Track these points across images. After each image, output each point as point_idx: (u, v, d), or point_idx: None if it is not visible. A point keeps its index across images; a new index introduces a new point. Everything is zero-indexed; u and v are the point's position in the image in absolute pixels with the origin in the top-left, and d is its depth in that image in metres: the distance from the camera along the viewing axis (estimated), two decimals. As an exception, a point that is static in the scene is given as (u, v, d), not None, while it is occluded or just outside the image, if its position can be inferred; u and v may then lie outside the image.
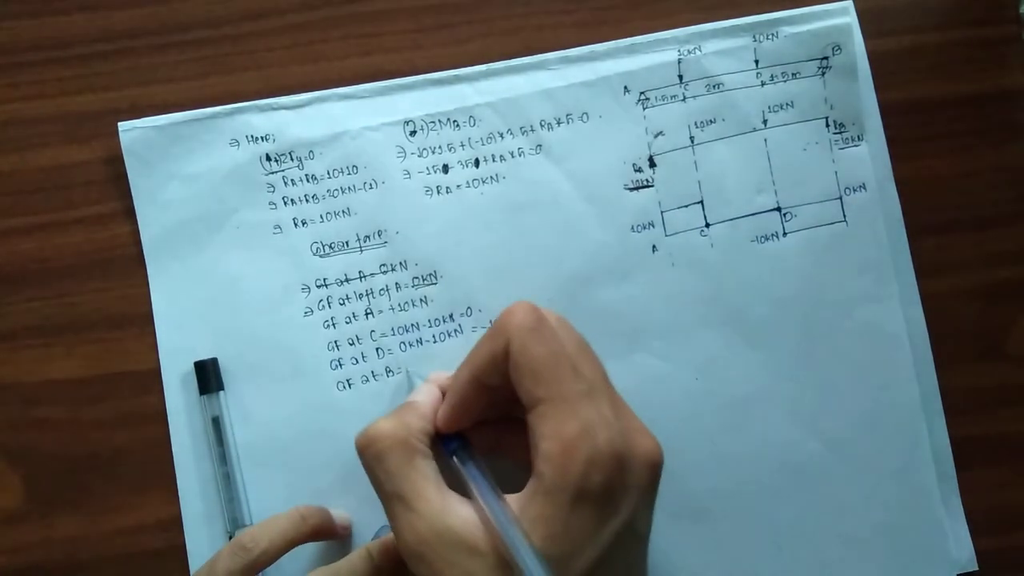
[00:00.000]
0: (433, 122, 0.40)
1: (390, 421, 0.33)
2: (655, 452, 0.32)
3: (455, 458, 0.33)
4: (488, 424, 0.35)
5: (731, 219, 0.40)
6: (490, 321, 0.40)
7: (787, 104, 0.40)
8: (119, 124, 0.40)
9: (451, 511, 0.31)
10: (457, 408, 0.34)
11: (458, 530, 0.30)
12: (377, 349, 0.40)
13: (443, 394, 0.35)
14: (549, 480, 0.30)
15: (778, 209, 0.40)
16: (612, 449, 0.30)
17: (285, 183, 0.40)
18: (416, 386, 0.37)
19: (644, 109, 0.40)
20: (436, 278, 0.40)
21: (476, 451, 0.34)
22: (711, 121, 0.40)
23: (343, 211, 0.40)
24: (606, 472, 0.30)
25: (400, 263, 0.40)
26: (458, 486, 0.32)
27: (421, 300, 0.40)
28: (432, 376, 0.37)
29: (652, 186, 0.40)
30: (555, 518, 0.30)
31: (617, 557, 0.31)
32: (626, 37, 0.40)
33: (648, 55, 0.40)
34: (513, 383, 0.32)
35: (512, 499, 0.31)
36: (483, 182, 0.40)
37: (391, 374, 0.40)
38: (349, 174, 0.40)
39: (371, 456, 0.32)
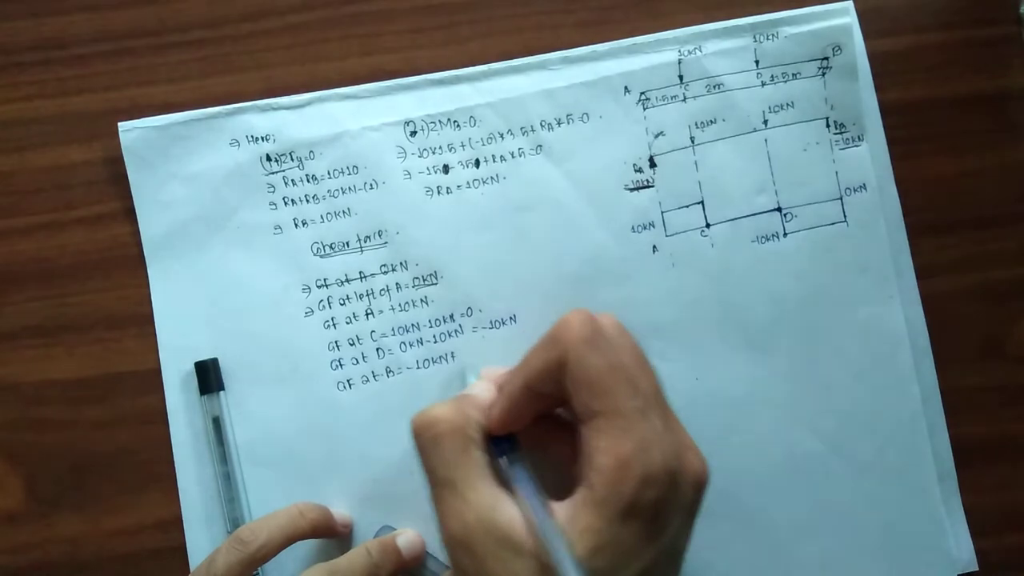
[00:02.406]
0: (433, 122, 0.40)
1: (449, 407, 0.33)
2: (703, 472, 0.32)
3: (505, 459, 0.33)
4: (535, 422, 0.35)
5: (731, 219, 0.40)
6: (491, 321, 0.40)
7: (787, 104, 0.40)
8: (119, 124, 0.40)
9: (500, 507, 0.31)
10: (509, 412, 0.33)
11: (505, 527, 0.30)
12: (377, 349, 0.40)
13: (498, 390, 0.35)
14: (601, 493, 0.30)
15: (778, 209, 0.40)
16: (666, 467, 0.30)
17: (285, 183, 0.40)
18: (468, 379, 0.37)
19: (644, 109, 0.40)
20: (436, 278, 0.40)
21: (524, 452, 0.33)
22: (711, 121, 0.40)
23: (343, 211, 0.40)
24: (658, 490, 0.30)
25: (400, 263, 0.40)
26: (504, 486, 0.32)
27: (421, 300, 0.40)
28: (485, 372, 0.37)
29: (652, 186, 0.40)
30: (603, 531, 0.29)
31: (656, 574, 0.31)
32: (627, 37, 0.40)
33: (648, 55, 0.40)
34: (567, 393, 0.32)
35: (558, 507, 0.31)
36: (483, 182, 0.40)
37: (391, 374, 0.40)
38: (349, 174, 0.40)
39: (428, 439, 0.32)
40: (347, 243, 0.40)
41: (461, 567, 0.31)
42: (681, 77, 0.40)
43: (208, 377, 0.39)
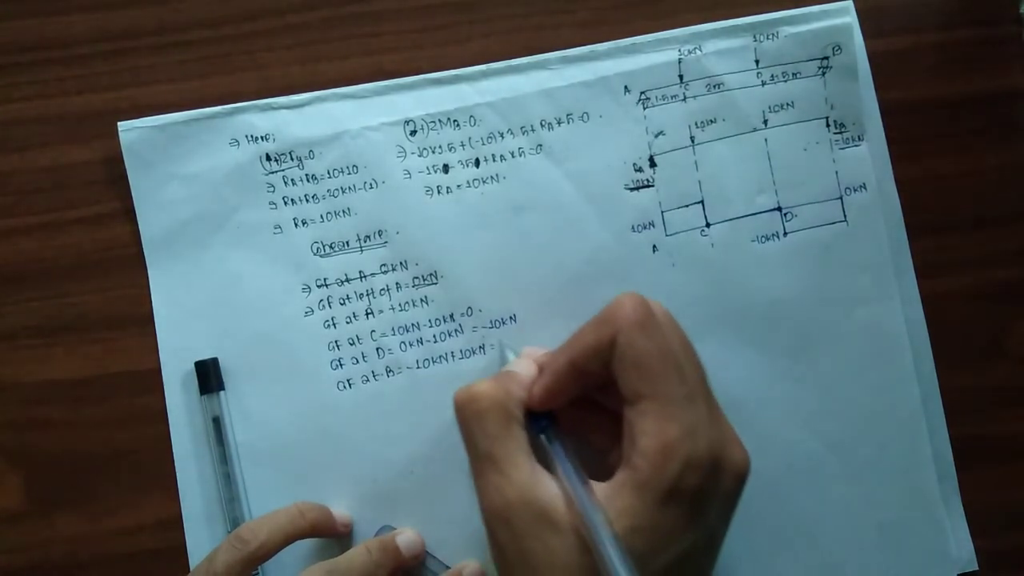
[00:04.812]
0: (433, 122, 0.40)
1: (492, 384, 0.33)
2: (745, 463, 0.32)
3: (543, 436, 0.33)
4: (572, 404, 0.35)
5: (731, 219, 0.40)
6: (491, 321, 0.40)
7: (787, 104, 0.40)
8: (119, 124, 0.40)
9: (540, 483, 0.31)
10: (551, 389, 0.33)
11: (545, 503, 0.30)
12: (377, 349, 0.40)
13: (539, 370, 0.35)
14: (644, 475, 0.30)
15: (779, 209, 0.40)
16: (710, 455, 0.31)
17: (285, 183, 0.40)
18: (508, 358, 0.37)
19: (644, 109, 0.40)
20: (436, 278, 0.40)
21: (563, 433, 0.33)
22: (711, 121, 0.40)
23: (343, 211, 0.40)
24: (700, 477, 0.30)
25: (400, 263, 0.40)
26: (543, 463, 0.32)
27: (421, 300, 0.40)
28: (527, 351, 0.37)
29: (652, 186, 0.40)
30: (643, 513, 0.30)
31: (691, 562, 0.31)
32: (626, 37, 0.40)
33: (648, 55, 0.40)
34: (614, 374, 0.32)
35: (598, 487, 0.31)
36: (483, 182, 0.40)
37: (391, 374, 0.40)
38: (349, 174, 0.40)
39: (470, 413, 0.32)
40: (347, 243, 0.40)
41: (499, 542, 0.31)
42: (681, 77, 0.40)
43: (208, 377, 0.39)
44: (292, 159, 0.40)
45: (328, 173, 0.40)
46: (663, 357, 0.31)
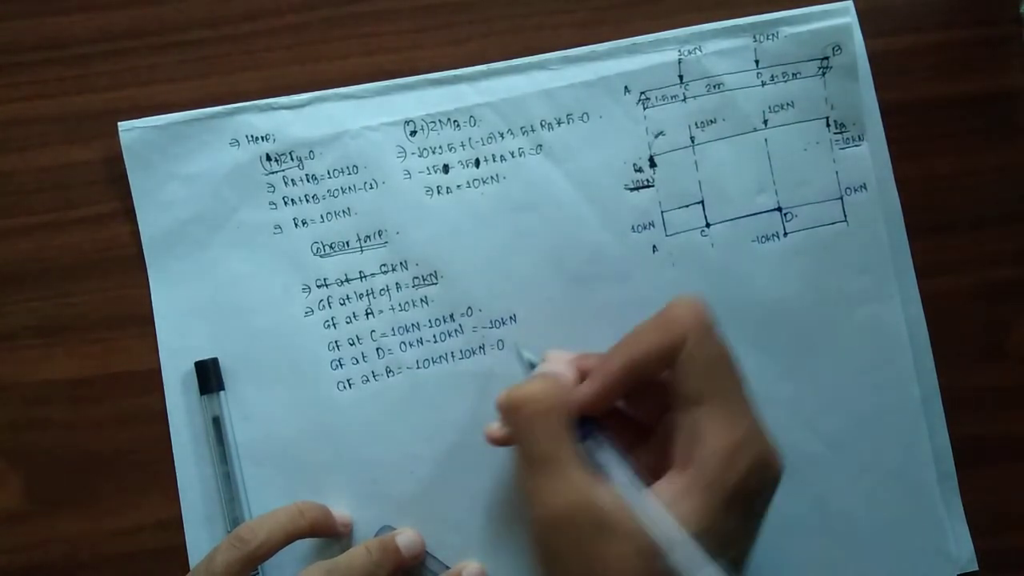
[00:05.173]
0: (433, 122, 0.40)
1: (543, 386, 0.33)
2: (782, 466, 0.33)
3: (592, 440, 0.33)
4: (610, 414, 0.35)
5: (731, 219, 0.40)
6: (491, 321, 0.40)
7: (787, 104, 0.40)
8: (119, 124, 0.40)
9: (597, 489, 0.31)
10: (605, 393, 0.33)
11: (604, 507, 0.30)
12: (377, 349, 0.40)
13: (580, 374, 0.34)
14: (712, 475, 0.30)
15: (779, 209, 0.40)
16: (772, 457, 0.31)
17: (285, 183, 0.40)
18: (530, 359, 0.36)
19: (644, 109, 0.40)
20: (436, 278, 0.40)
21: (612, 439, 0.33)
22: (711, 121, 0.40)
23: (343, 211, 0.40)
24: (760, 480, 0.31)
25: (400, 263, 0.40)
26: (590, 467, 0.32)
27: (421, 300, 0.40)
28: (555, 355, 0.36)
29: (652, 186, 0.40)
30: (710, 515, 0.30)
31: (742, 564, 0.31)
32: (626, 37, 0.40)
33: (648, 55, 0.40)
34: (676, 377, 0.32)
35: (655, 489, 0.31)
36: (483, 182, 0.40)
37: (391, 374, 0.40)
38: (349, 174, 0.40)
39: (525, 416, 0.32)
40: (347, 243, 0.40)
41: (554, 548, 0.31)
42: (681, 77, 0.40)
43: (208, 377, 0.39)
44: (292, 159, 0.40)
45: (328, 173, 0.40)
46: (729, 360, 0.32)
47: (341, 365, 0.39)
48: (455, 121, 0.40)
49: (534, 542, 0.32)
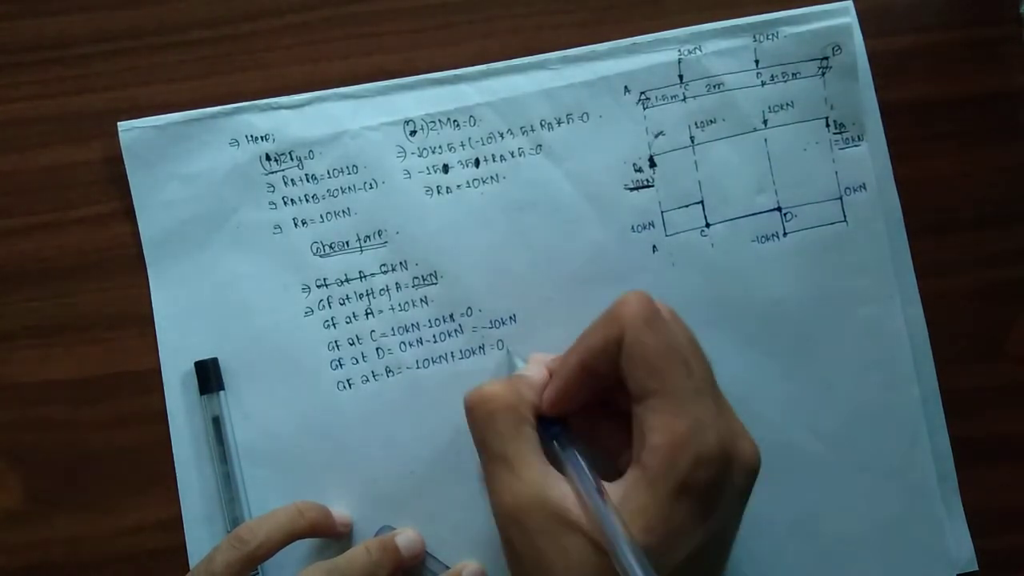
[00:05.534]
0: (433, 122, 0.40)
1: (503, 385, 0.33)
2: (755, 457, 0.32)
3: (555, 442, 0.33)
4: (583, 413, 0.35)
5: (731, 219, 0.40)
6: (491, 321, 0.40)
7: (787, 104, 0.40)
8: (119, 124, 0.40)
9: (552, 484, 0.31)
10: (563, 392, 0.33)
11: (557, 503, 0.31)
12: (377, 349, 0.40)
13: (549, 375, 0.35)
14: (655, 471, 0.30)
15: (778, 209, 0.40)
16: (721, 449, 0.30)
17: (285, 183, 0.40)
18: (516, 364, 0.37)
19: (644, 109, 0.40)
20: (436, 278, 0.40)
21: (575, 435, 0.33)
22: (711, 121, 0.40)
23: (343, 211, 0.40)
24: (711, 471, 0.30)
25: (400, 263, 0.40)
26: (555, 465, 0.32)
27: (421, 300, 0.40)
28: (535, 356, 0.37)
29: (652, 186, 0.40)
30: (655, 510, 0.30)
31: (704, 558, 0.31)
32: (626, 37, 0.40)
33: (648, 55, 0.40)
34: (623, 373, 0.32)
35: (610, 487, 0.31)
36: (483, 182, 0.40)
37: (391, 374, 0.40)
38: (349, 174, 0.40)
39: (482, 414, 0.33)
40: (347, 243, 0.40)
41: (512, 542, 0.31)
42: (681, 77, 0.40)
43: (208, 377, 0.39)
44: (292, 159, 0.40)
45: (328, 173, 0.40)
46: (670, 353, 0.31)
47: (341, 365, 0.40)
48: (455, 121, 0.40)
49: (500, 537, 0.32)
